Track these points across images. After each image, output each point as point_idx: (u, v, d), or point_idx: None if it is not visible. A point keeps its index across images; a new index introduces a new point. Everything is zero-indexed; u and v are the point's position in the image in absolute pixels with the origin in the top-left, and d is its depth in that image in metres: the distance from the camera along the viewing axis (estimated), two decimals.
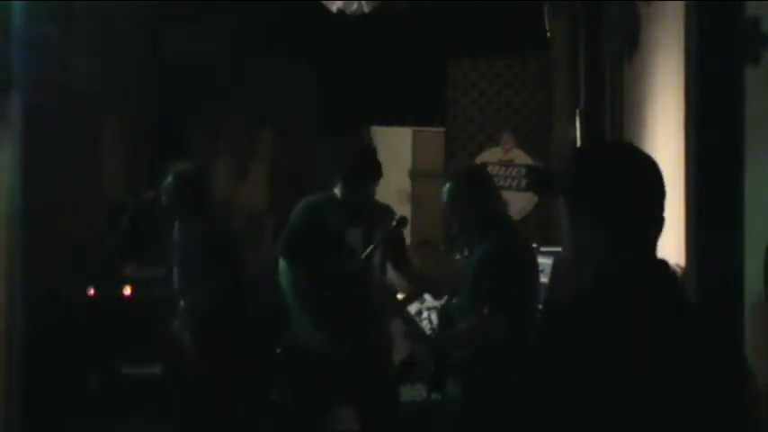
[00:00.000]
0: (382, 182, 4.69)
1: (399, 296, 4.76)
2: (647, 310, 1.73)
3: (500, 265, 3.80)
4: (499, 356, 3.61)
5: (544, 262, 5.21)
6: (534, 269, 4.08)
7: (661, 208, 1.83)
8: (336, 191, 4.52)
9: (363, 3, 6.16)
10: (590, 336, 1.70)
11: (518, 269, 3.86)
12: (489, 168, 7.67)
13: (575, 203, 1.84)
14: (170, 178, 4.96)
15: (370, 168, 4.51)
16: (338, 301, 4.37)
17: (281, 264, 4.46)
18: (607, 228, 1.79)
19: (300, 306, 4.38)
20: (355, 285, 4.38)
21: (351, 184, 4.45)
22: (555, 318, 1.84)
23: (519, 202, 7.54)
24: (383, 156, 4.85)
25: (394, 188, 12.17)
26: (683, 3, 3.66)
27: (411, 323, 4.49)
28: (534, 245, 4.80)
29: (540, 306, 4.08)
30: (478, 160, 7.98)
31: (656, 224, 1.82)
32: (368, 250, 4.74)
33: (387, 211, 4.62)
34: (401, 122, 10.93)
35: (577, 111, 6.32)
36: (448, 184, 4.01)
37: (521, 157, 8.05)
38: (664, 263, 1.82)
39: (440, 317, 4.19)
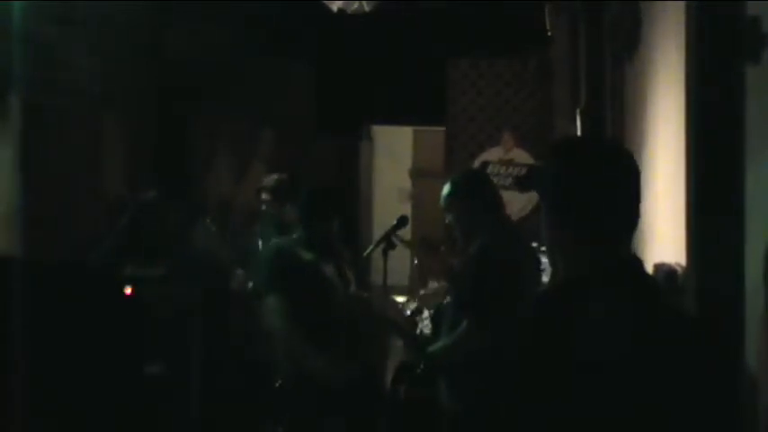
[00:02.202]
0: (383, 181, 4.73)
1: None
2: (617, 310, 1.70)
3: (485, 269, 3.77)
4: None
5: (544, 261, 5.22)
6: (528, 271, 4.01)
7: (636, 205, 1.78)
8: (299, 233, 4.55)
9: (364, 2, 6.16)
10: (560, 336, 1.68)
11: (505, 272, 3.78)
12: (490, 167, 7.69)
13: (547, 201, 1.82)
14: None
15: (322, 209, 4.51)
16: (328, 330, 4.35)
17: (270, 301, 4.40)
18: (576, 226, 1.76)
19: (296, 338, 4.33)
20: (341, 313, 4.38)
21: (310, 225, 4.47)
22: (527, 317, 1.82)
23: (519, 202, 7.55)
24: (384, 155, 4.88)
25: (394, 187, 12.21)
26: (683, 2, 3.66)
27: (401, 335, 4.50)
28: (534, 244, 4.79)
29: None
30: (479, 159, 8.00)
31: (630, 221, 1.78)
32: (369, 249, 4.75)
33: (344, 246, 4.66)
34: (401, 122, 10.95)
35: (578, 110, 6.32)
36: (445, 187, 4.03)
37: (521, 156, 8.06)
38: (637, 261, 1.80)
39: (433, 319, 4.20)
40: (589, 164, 1.78)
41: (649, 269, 3.52)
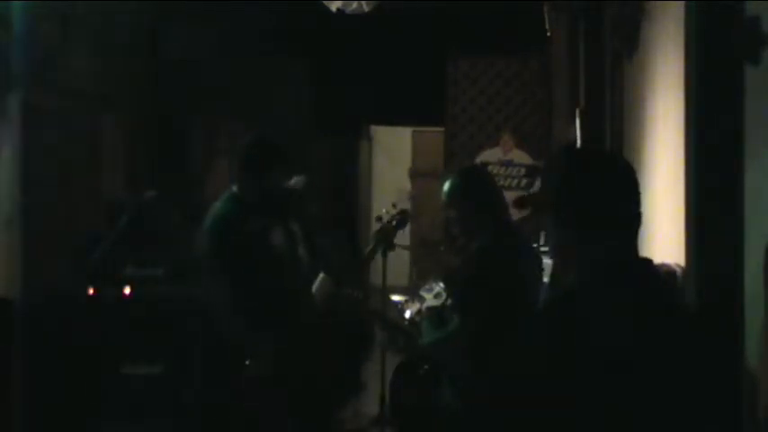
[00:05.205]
0: (382, 181, 4.68)
1: None
2: (628, 310, 1.74)
3: (484, 270, 3.75)
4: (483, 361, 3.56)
5: (545, 262, 5.20)
6: (529, 271, 3.98)
7: (636, 210, 1.87)
8: (235, 189, 4.29)
9: (363, 2, 6.16)
10: (572, 337, 1.71)
11: (504, 273, 3.72)
12: (489, 168, 7.69)
13: (559, 203, 1.88)
14: None
15: (265, 159, 4.29)
16: (278, 310, 4.21)
17: (209, 284, 4.23)
18: (581, 229, 1.83)
19: (241, 326, 4.14)
20: (294, 291, 4.26)
21: (249, 180, 4.24)
22: (537, 319, 1.86)
23: None
24: (383, 156, 4.84)
25: (393, 188, 12.20)
26: (683, 2, 3.66)
27: (388, 328, 4.47)
28: (534, 245, 4.78)
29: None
30: (478, 160, 7.99)
31: (632, 225, 1.86)
32: (369, 249, 4.73)
33: (298, 194, 4.39)
34: (401, 122, 10.94)
35: (577, 110, 6.32)
36: (446, 183, 3.98)
37: (520, 156, 8.06)
38: (647, 262, 1.84)
39: (432, 318, 4.17)
40: (599, 167, 1.90)
41: None
